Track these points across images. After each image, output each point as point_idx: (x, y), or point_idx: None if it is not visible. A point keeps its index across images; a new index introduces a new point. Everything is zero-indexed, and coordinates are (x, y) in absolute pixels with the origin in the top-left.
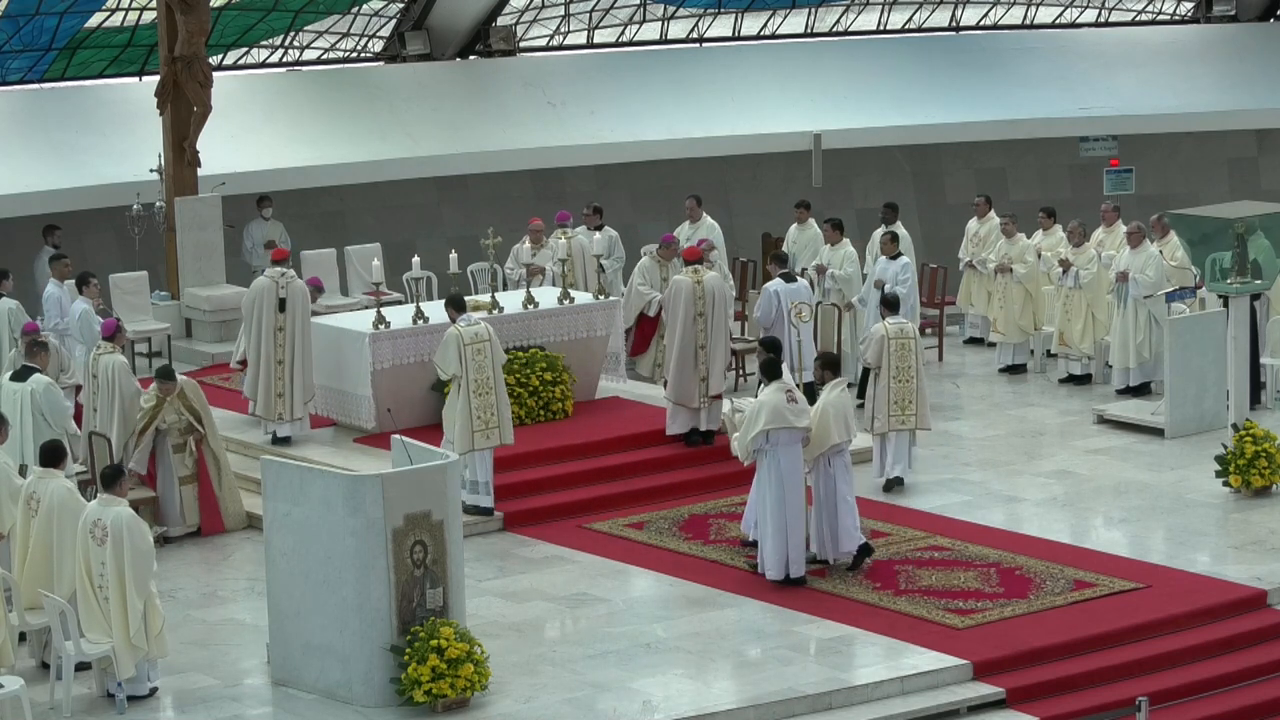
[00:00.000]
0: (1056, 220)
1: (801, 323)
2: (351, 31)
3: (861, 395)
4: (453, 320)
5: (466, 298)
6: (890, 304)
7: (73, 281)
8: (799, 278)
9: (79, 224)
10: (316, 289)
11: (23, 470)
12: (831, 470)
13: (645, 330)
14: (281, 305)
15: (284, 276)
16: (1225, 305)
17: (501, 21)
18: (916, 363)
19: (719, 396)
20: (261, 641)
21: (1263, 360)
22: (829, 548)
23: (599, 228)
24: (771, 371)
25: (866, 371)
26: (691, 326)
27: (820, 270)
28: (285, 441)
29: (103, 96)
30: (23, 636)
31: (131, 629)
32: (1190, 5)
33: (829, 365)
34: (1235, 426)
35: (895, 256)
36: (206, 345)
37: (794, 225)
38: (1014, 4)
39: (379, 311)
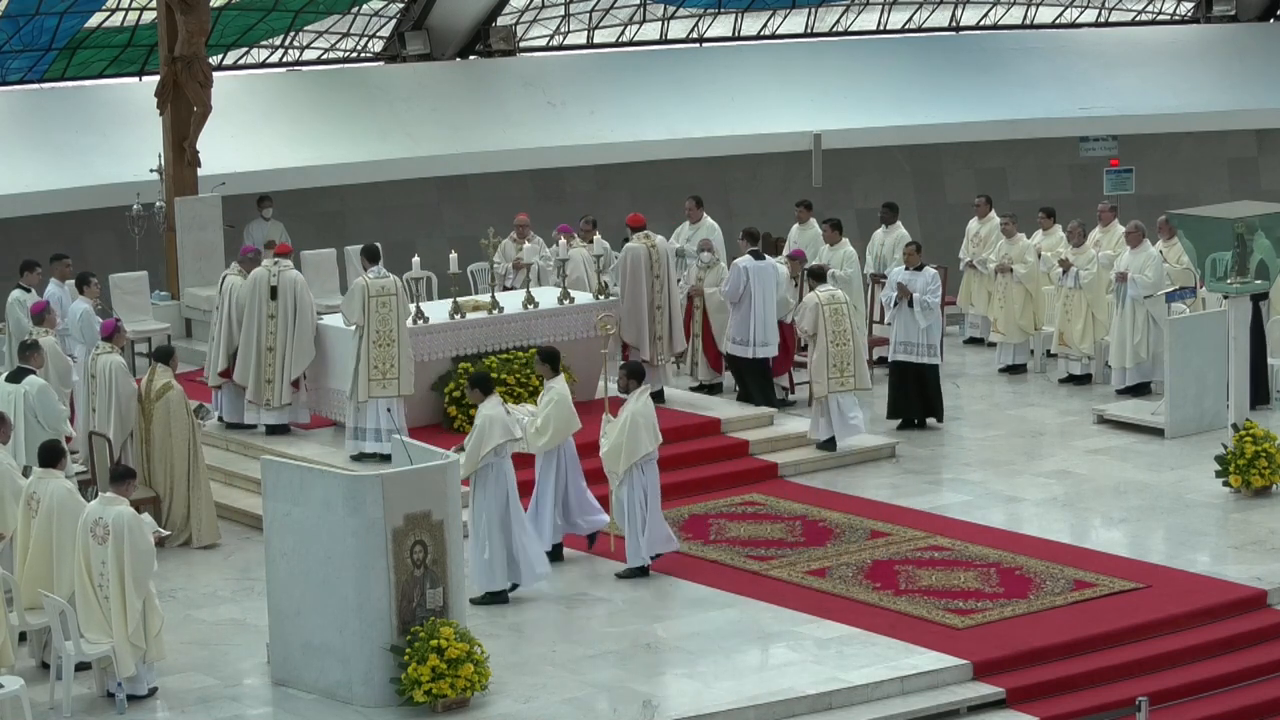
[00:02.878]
0: (1056, 220)
1: (606, 333)
2: (351, 31)
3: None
4: (364, 270)
5: (466, 298)
6: (817, 274)
7: (73, 282)
8: (768, 256)
9: (79, 224)
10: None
11: (26, 472)
12: (645, 478)
13: (788, 345)
14: (273, 293)
15: (276, 266)
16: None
17: (501, 21)
18: (851, 326)
19: (683, 355)
20: (261, 641)
21: (1269, 361)
22: (643, 551)
23: (591, 241)
24: (486, 385)
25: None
26: (649, 289)
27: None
28: (283, 430)
29: (103, 96)
30: (23, 636)
31: (130, 627)
32: (1190, 5)
33: (634, 375)
34: (1235, 426)
35: (920, 267)
36: (206, 345)
37: (795, 225)
38: (1014, 4)
39: None
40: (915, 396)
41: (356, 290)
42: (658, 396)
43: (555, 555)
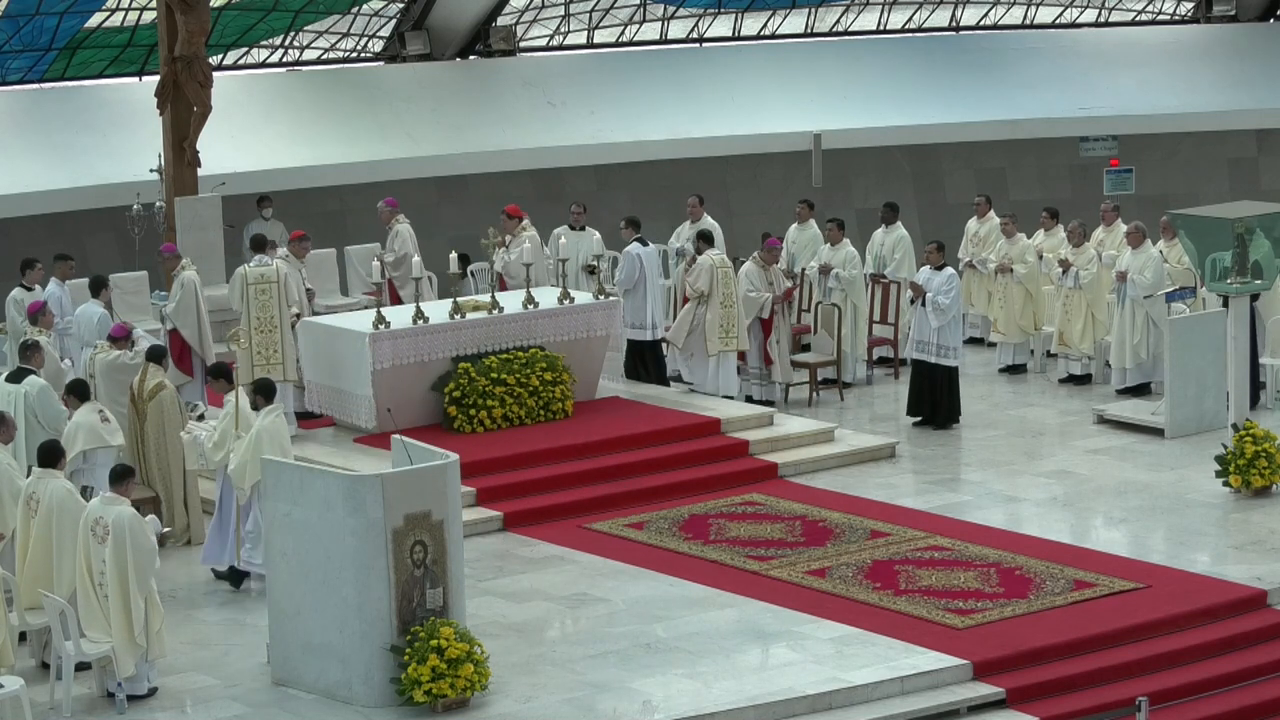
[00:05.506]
0: (1059, 221)
1: (238, 347)
2: (351, 31)
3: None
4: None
5: (465, 298)
6: (706, 238)
7: (74, 283)
8: (650, 243)
9: (79, 224)
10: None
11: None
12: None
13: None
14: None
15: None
16: (1226, 305)
17: (501, 21)
18: (736, 290)
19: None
20: (261, 641)
21: (1262, 360)
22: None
23: (582, 227)
24: (83, 392)
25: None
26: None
27: (824, 270)
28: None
29: (103, 96)
30: (23, 636)
31: (136, 628)
32: (1190, 5)
33: (261, 391)
34: (1235, 426)
35: (941, 267)
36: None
37: (794, 224)
38: (1014, 4)
39: (379, 311)
40: (925, 396)
41: (236, 279)
42: None
43: (234, 578)
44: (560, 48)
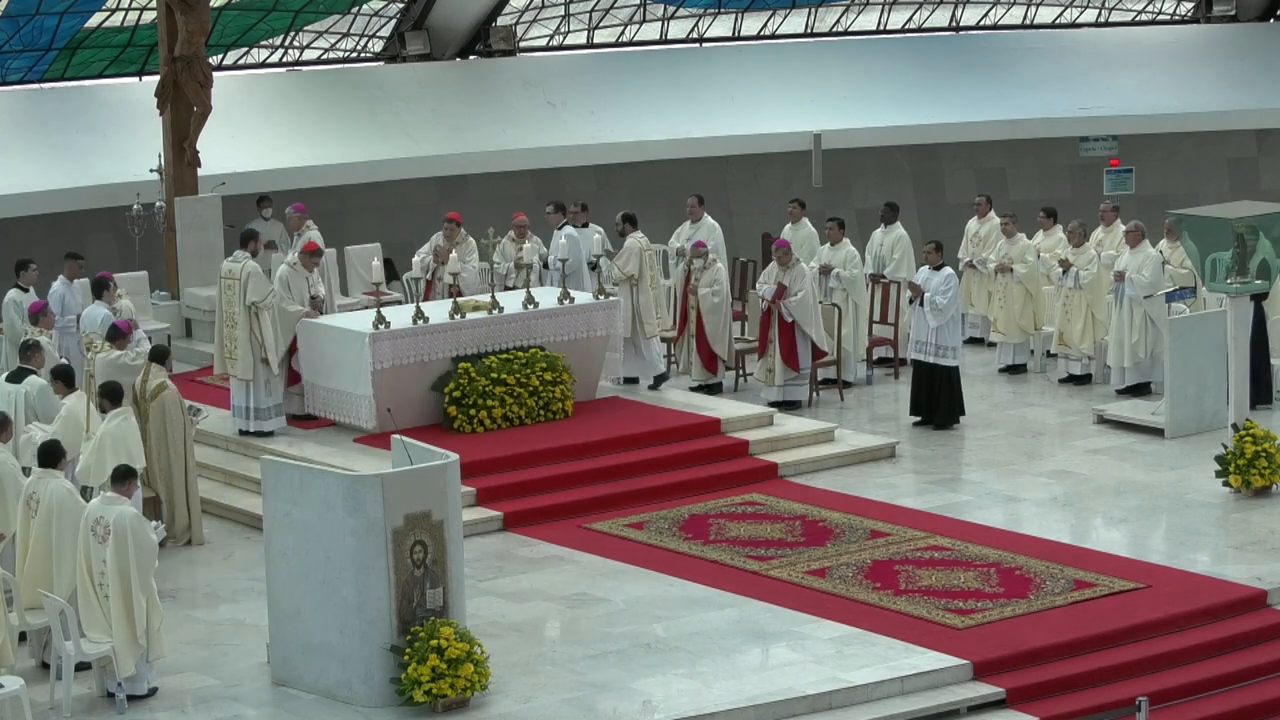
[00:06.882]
0: (1057, 221)
1: (93, 352)
2: (351, 31)
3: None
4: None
5: (466, 298)
6: (631, 220)
7: (81, 282)
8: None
9: (79, 224)
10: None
11: (26, 472)
12: None
13: (763, 330)
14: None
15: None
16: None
17: (501, 21)
18: (659, 272)
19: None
20: (261, 641)
21: (1273, 361)
22: None
23: (585, 225)
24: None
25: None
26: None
27: (825, 270)
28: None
29: (103, 96)
30: (23, 636)
31: (138, 628)
32: (1190, 5)
33: (108, 395)
34: (1235, 426)
35: (939, 267)
36: (206, 345)
37: (788, 225)
38: (1014, 4)
39: (379, 311)
40: (924, 396)
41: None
42: None
43: None
44: (560, 48)
